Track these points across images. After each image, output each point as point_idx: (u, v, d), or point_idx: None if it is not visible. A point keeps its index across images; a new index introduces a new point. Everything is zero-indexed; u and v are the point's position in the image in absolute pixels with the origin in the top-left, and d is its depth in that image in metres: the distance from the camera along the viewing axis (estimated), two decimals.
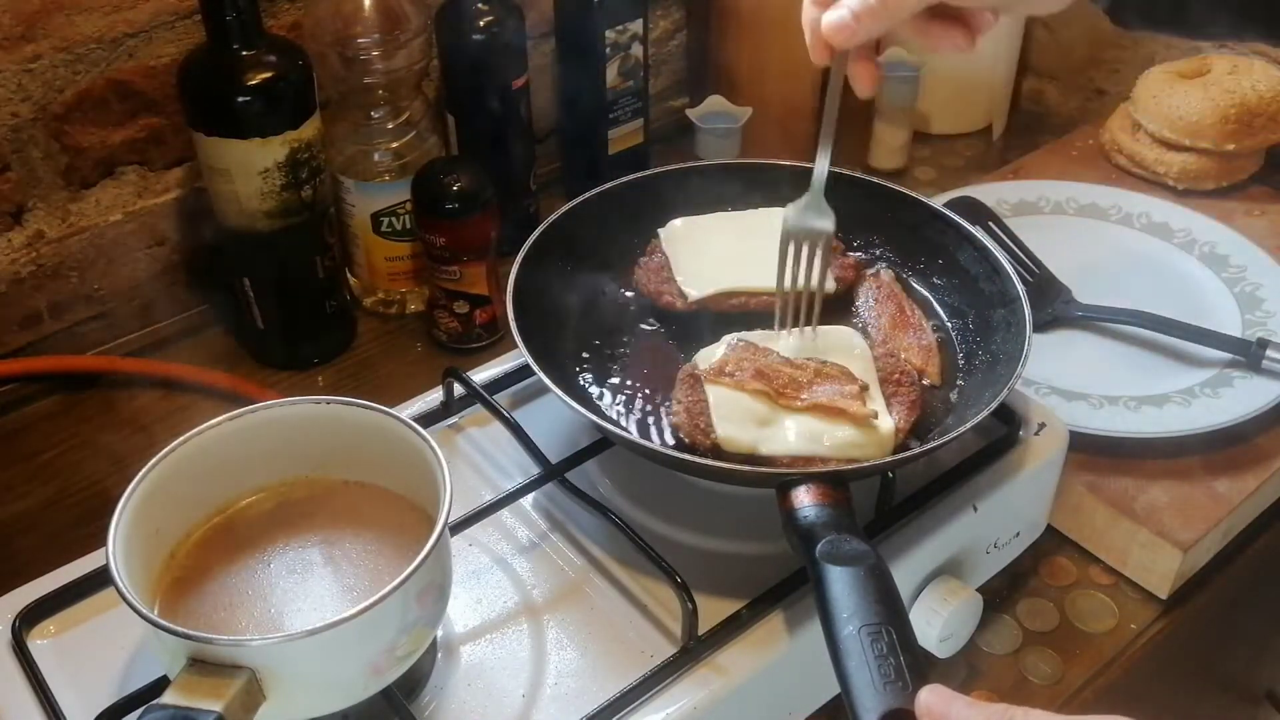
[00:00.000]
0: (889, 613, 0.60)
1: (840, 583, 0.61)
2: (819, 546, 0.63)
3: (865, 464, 0.72)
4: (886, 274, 0.89)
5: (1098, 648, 0.84)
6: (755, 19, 1.23)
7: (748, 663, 0.69)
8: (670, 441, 0.77)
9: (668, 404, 0.79)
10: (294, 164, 0.94)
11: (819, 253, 0.79)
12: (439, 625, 0.68)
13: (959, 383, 0.83)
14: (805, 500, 0.67)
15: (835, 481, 0.68)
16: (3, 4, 0.91)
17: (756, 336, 0.81)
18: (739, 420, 0.74)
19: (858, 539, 0.64)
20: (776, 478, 0.69)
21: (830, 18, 0.70)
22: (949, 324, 0.87)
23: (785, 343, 0.80)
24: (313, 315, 1.04)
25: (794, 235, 0.79)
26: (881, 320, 0.85)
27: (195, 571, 0.67)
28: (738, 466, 0.72)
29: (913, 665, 0.57)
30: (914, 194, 0.91)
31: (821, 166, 0.77)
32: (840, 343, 0.81)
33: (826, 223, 0.79)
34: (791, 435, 0.74)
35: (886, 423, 0.75)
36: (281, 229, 0.97)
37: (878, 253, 0.93)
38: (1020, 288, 0.82)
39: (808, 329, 0.82)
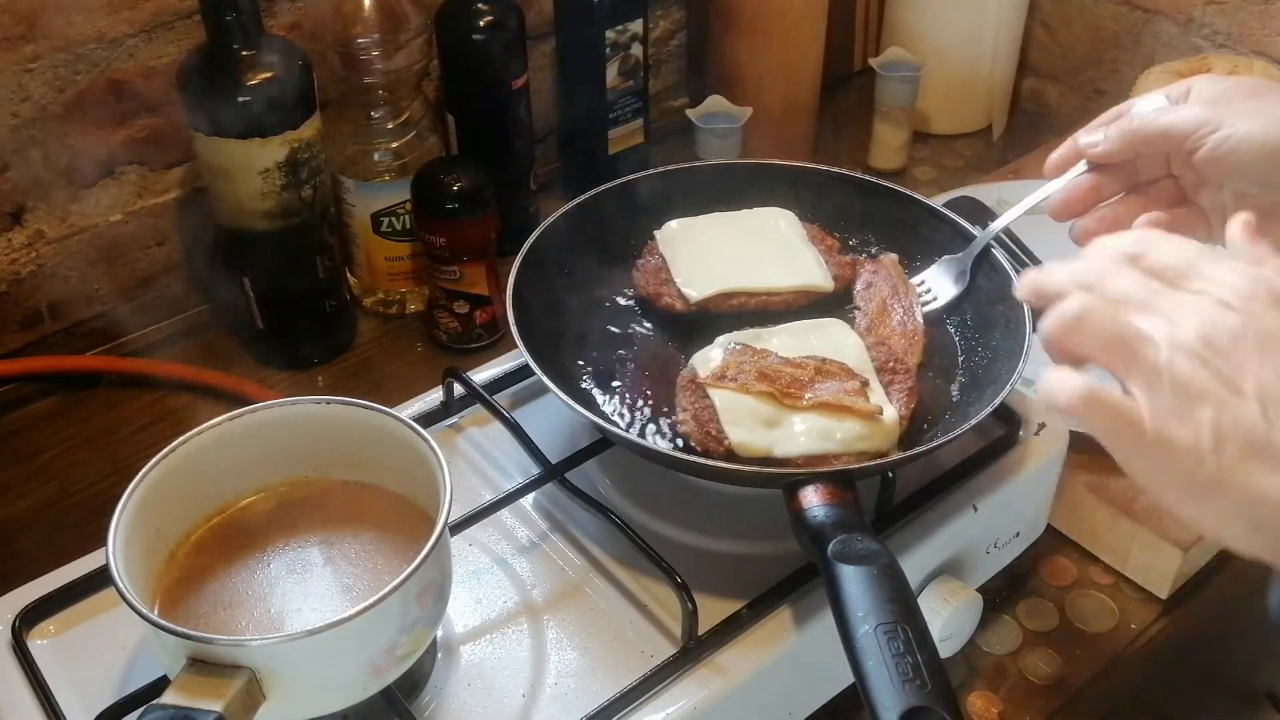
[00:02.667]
0: (904, 611, 0.60)
1: (854, 582, 0.61)
2: (830, 546, 0.63)
3: (871, 463, 0.72)
4: (888, 257, 0.89)
5: (1098, 648, 0.84)
6: (755, 19, 1.23)
7: (748, 663, 0.69)
8: (671, 441, 0.77)
9: (668, 404, 0.79)
10: (294, 164, 0.94)
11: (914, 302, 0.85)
12: (439, 625, 0.68)
13: (959, 380, 0.83)
14: (814, 500, 0.67)
15: (843, 481, 0.68)
16: (3, 4, 0.91)
17: (748, 336, 0.81)
18: (749, 424, 0.74)
19: (869, 538, 0.64)
20: (782, 478, 0.69)
21: (1086, 132, 0.75)
22: (947, 320, 0.87)
23: (779, 340, 0.80)
24: (313, 315, 1.04)
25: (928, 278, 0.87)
26: (872, 304, 0.85)
27: (195, 571, 0.67)
28: (740, 467, 0.72)
29: (930, 663, 0.57)
30: (912, 193, 0.91)
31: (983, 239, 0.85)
32: (832, 337, 0.81)
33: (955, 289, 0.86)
34: (802, 435, 0.74)
35: (890, 414, 0.75)
36: (281, 229, 0.97)
37: (874, 251, 0.93)
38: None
39: (799, 324, 0.83)
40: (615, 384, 0.82)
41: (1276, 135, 0.67)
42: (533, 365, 0.75)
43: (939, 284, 0.86)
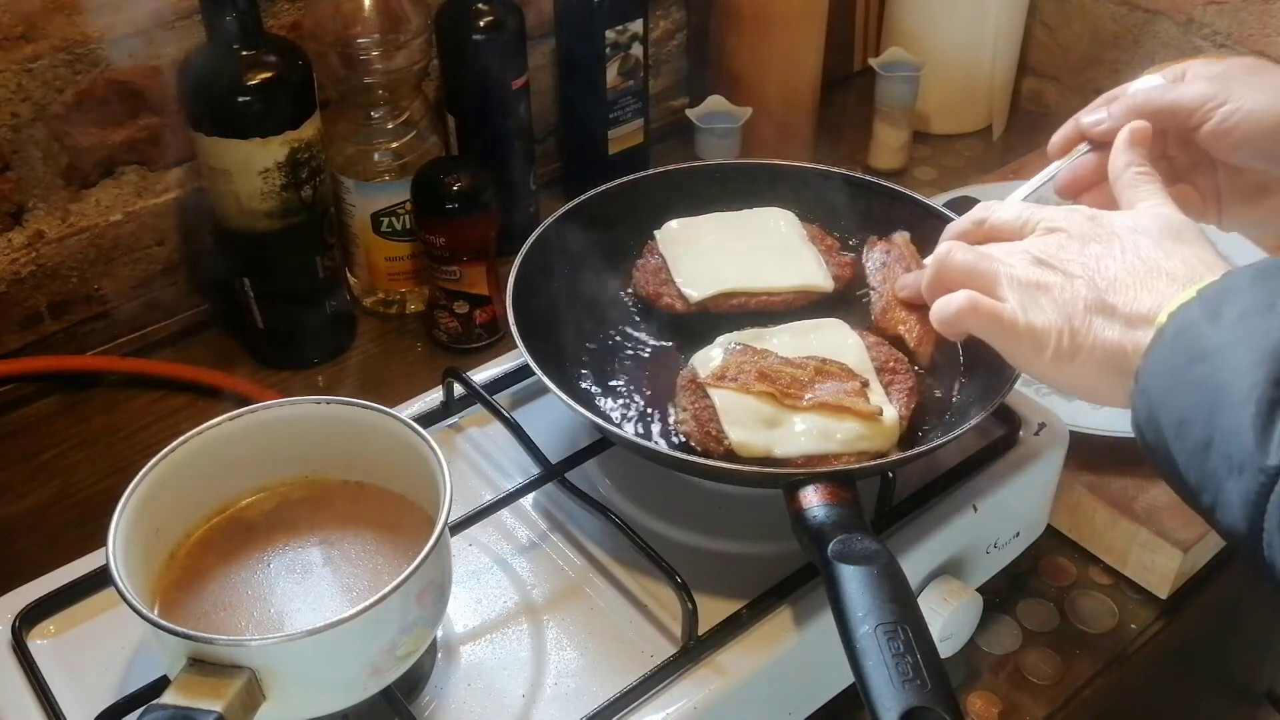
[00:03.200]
0: (904, 611, 0.60)
1: (854, 582, 0.61)
2: (830, 546, 0.63)
3: (871, 463, 0.72)
4: (900, 236, 0.87)
5: (1098, 648, 0.84)
6: (755, 19, 1.23)
7: (748, 663, 0.69)
8: (672, 441, 0.77)
9: (668, 404, 0.79)
10: (294, 164, 0.94)
11: None
12: (439, 625, 0.68)
13: (959, 380, 0.83)
14: (814, 500, 0.67)
15: (843, 480, 0.68)
16: (3, 4, 0.91)
17: (748, 336, 0.81)
18: (749, 424, 0.74)
19: (869, 538, 0.64)
20: (782, 478, 0.69)
21: (1087, 113, 0.76)
22: None
23: (779, 340, 0.80)
24: (313, 315, 1.04)
25: None
26: (887, 285, 0.83)
27: (195, 571, 0.67)
28: (740, 467, 0.72)
29: (930, 663, 0.57)
30: (912, 193, 0.91)
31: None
32: (832, 337, 0.81)
33: None
34: (802, 435, 0.74)
35: (890, 414, 0.75)
36: (281, 229, 0.97)
37: None
38: None
39: (799, 324, 0.82)
40: (615, 384, 0.82)
41: None
42: (533, 365, 0.75)
43: None
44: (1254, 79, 0.71)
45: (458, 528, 0.75)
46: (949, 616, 0.77)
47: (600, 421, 0.74)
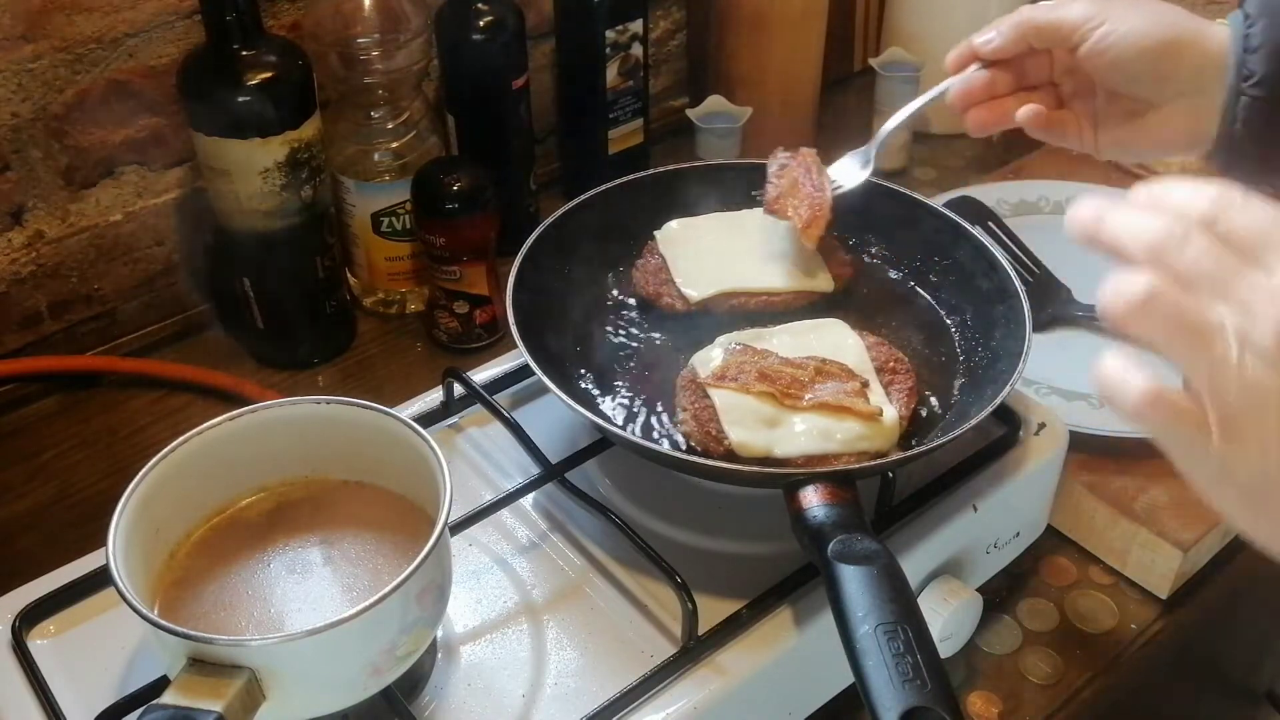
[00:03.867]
0: (904, 611, 0.60)
1: (854, 582, 0.61)
2: (830, 546, 0.63)
3: (871, 463, 0.72)
4: (807, 150, 0.90)
5: (1098, 648, 0.84)
6: (755, 19, 1.23)
7: (748, 663, 0.69)
8: (672, 442, 0.77)
9: (668, 404, 0.79)
10: (294, 164, 0.94)
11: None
12: (439, 625, 0.68)
13: (959, 380, 0.83)
14: (814, 500, 0.67)
15: (843, 480, 0.68)
16: (3, 4, 0.91)
17: (748, 336, 0.81)
18: (749, 424, 0.74)
19: (869, 538, 0.64)
20: (782, 478, 0.69)
21: (980, 34, 0.81)
22: (947, 321, 0.87)
23: (779, 340, 0.81)
24: (313, 315, 1.04)
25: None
26: (783, 180, 0.87)
27: (195, 571, 0.67)
28: (740, 467, 0.72)
29: (930, 663, 0.57)
30: (911, 193, 0.91)
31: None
32: (832, 337, 0.81)
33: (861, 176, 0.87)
34: (802, 435, 0.74)
35: (890, 414, 0.75)
36: (281, 229, 0.97)
37: (873, 250, 0.93)
38: (1018, 284, 0.82)
39: (799, 324, 0.83)
40: (615, 384, 0.82)
41: (1153, 33, 0.74)
42: (533, 365, 0.75)
43: (845, 174, 0.89)
44: (1133, 3, 0.75)
45: (458, 528, 0.75)
46: (949, 616, 0.77)
47: (600, 421, 0.74)
